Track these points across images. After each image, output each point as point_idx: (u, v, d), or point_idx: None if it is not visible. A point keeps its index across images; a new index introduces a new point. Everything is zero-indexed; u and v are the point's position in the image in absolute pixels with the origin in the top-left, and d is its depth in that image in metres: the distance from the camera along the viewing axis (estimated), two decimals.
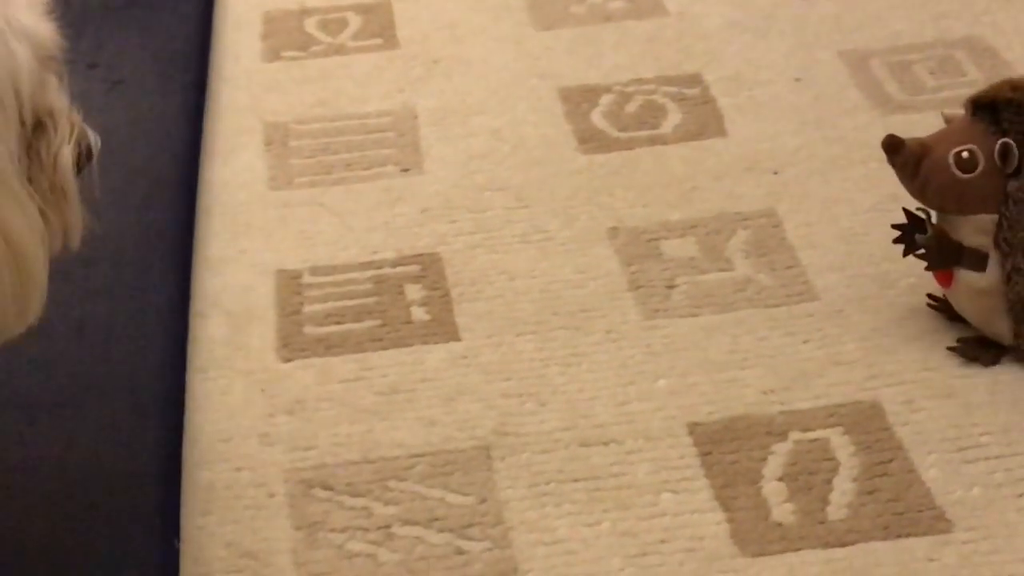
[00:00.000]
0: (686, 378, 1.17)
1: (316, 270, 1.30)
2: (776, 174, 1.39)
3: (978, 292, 1.15)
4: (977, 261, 1.15)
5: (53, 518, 1.07)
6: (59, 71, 0.99)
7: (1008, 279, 1.13)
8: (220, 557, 1.03)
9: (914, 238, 1.18)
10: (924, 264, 1.18)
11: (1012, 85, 1.15)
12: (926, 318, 1.21)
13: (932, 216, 1.18)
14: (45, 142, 0.97)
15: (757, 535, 1.03)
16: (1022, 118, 1.13)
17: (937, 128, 1.18)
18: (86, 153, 0.99)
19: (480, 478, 1.09)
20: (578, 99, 1.52)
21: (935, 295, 1.21)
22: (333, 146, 1.47)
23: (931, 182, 1.15)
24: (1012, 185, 1.13)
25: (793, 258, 1.29)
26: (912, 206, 1.19)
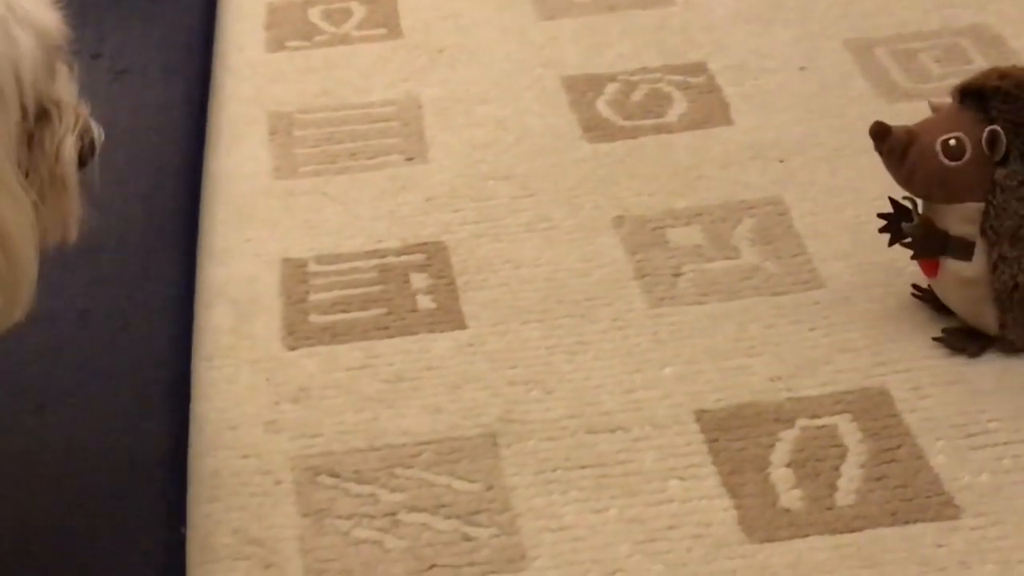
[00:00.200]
0: (692, 366, 1.17)
1: (321, 259, 1.31)
2: (782, 162, 1.39)
3: (964, 282, 1.15)
4: (963, 250, 1.14)
5: (60, 506, 1.07)
6: (68, 61, 0.99)
7: (994, 268, 1.13)
8: (226, 544, 1.03)
9: (900, 227, 1.18)
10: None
11: (1000, 73, 1.14)
12: (933, 306, 1.21)
13: (919, 205, 1.18)
14: (49, 132, 0.96)
15: (765, 521, 1.03)
16: (1010, 106, 1.12)
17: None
18: (89, 146, 0.98)
19: (487, 465, 1.09)
20: (583, 88, 1.52)
21: (920, 285, 1.21)
22: (337, 135, 1.47)
23: (918, 170, 1.15)
24: (999, 173, 1.13)
25: (799, 246, 1.29)
26: (899, 195, 1.19)
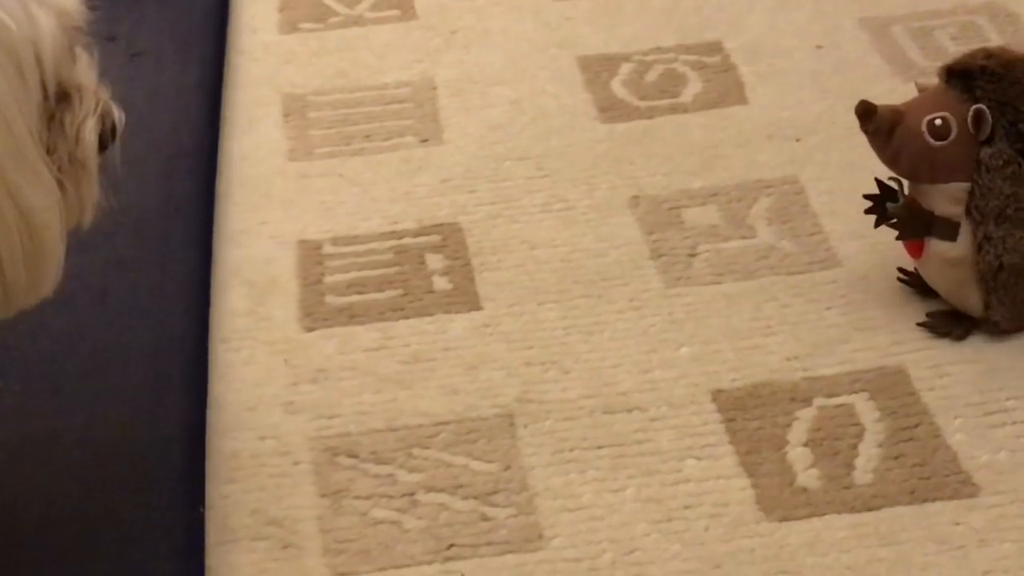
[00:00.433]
0: (709, 345, 1.18)
1: (337, 240, 1.31)
2: (798, 141, 1.40)
3: (949, 262, 1.15)
4: (948, 230, 1.14)
5: (78, 487, 1.08)
6: (87, 45, 0.99)
7: (979, 248, 1.13)
8: (245, 525, 1.04)
9: (885, 208, 1.18)
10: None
11: (986, 53, 1.14)
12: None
13: (904, 186, 1.18)
14: (70, 115, 0.96)
15: (782, 500, 1.04)
16: (996, 85, 1.12)
17: None
18: (111, 129, 0.99)
19: (504, 445, 1.10)
20: (598, 68, 1.52)
21: (906, 269, 1.21)
22: (352, 117, 1.47)
23: (904, 149, 1.15)
24: (985, 152, 1.12)
25: (816, 225, 1.29)
26: (884, 175, 1.19)
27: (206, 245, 1.30)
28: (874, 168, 1.34)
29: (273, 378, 1.17)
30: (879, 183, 1.18)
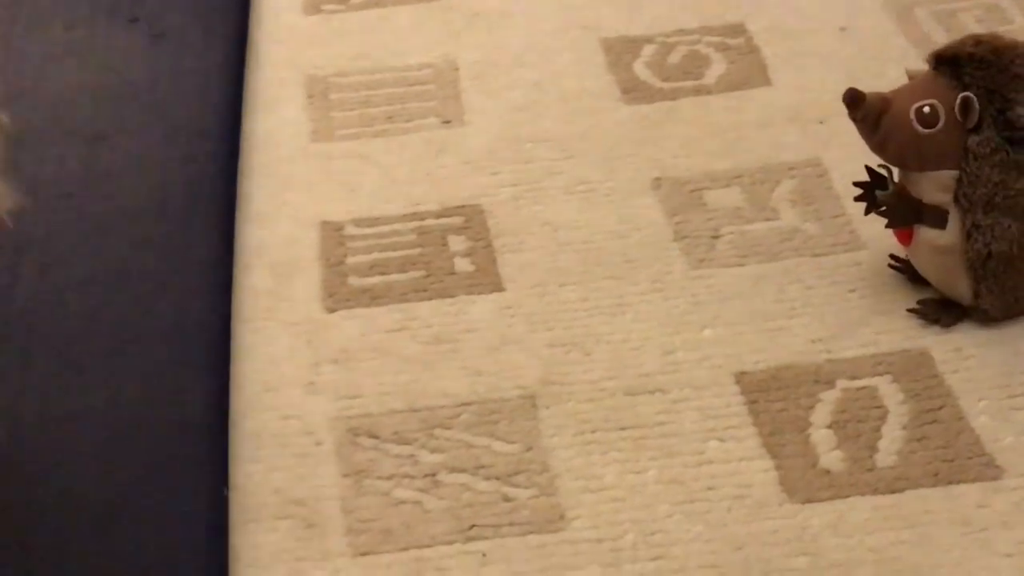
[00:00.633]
0: (732, 327, 1.17)
1: (359, 222, 1.31)
2: (822, 123, 1.39)
3: (938, 250, 1.15)
4: (937, 218, 1.14)
5: (102, 467, 1.08)
6: None
7: (968, 236, 1.13)
8: (268, 504, 1.04)
9: (875, 196, 1.17)
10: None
11: (975, 40, 1.14)
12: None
13: (894, 174, 1.17)
14: None
15: (805, 482, 1.04)
16: (984, 73, 1.11)
17: None
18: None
19: (526, 426, 1.10)
20: (620, 50, 1.52)
21: (897, 256, 1.21)
22: (374, 99, 1.47)
23: (892, 137, 1.14)
24: (973, 140, 1.12)
25: (839, 207, 1.29)
26: (874, 163, 1.18)
27: (228, 226, 1.31)
28: None
29: (295, 358, 1.17)
30: (869, 170, 1.18)
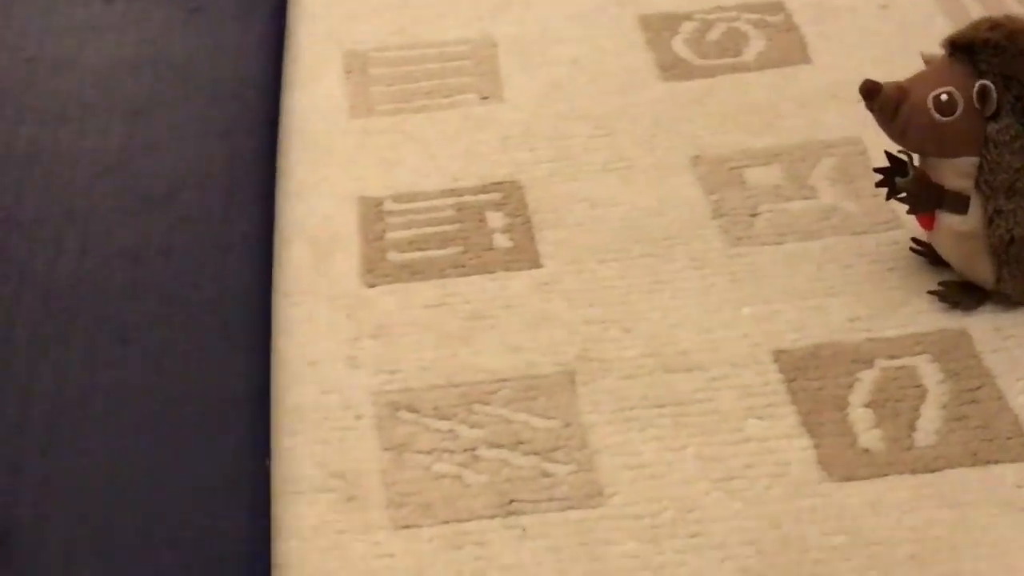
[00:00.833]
0: (770, 305, 1.18)
1: (398, 197, 1.32)
2: (861, 102, 1.38)
3: (960, 235, 1.14)
4: (959, 204, 1.14)
5: (146, 439, 1.10)
6: None
7: (990, 222, 1.12)
8: (310, 476, 1.05)
9: (895, 181, 1.17)
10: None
11: (991, 24, 1.12)
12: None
13: (914, 159, 1.17)
14: None
15: (844, 461, 1.04)
16: (1000, 58, 1.11)
17: None
18: None
19: (564, 403, 1.10)
20: (659, 27, 1.51)
21: (919, 239, 1.21)
22: (413, 74, 1.48)
23: (910, 126, 1.14)
24: (991, 128, 1.11)
25: None
26: (894, 149, 1.18)
27: (268, 201, 1.31)
28: None
29: (335, 333, 1.17)
30: (889, 156, 1.18)
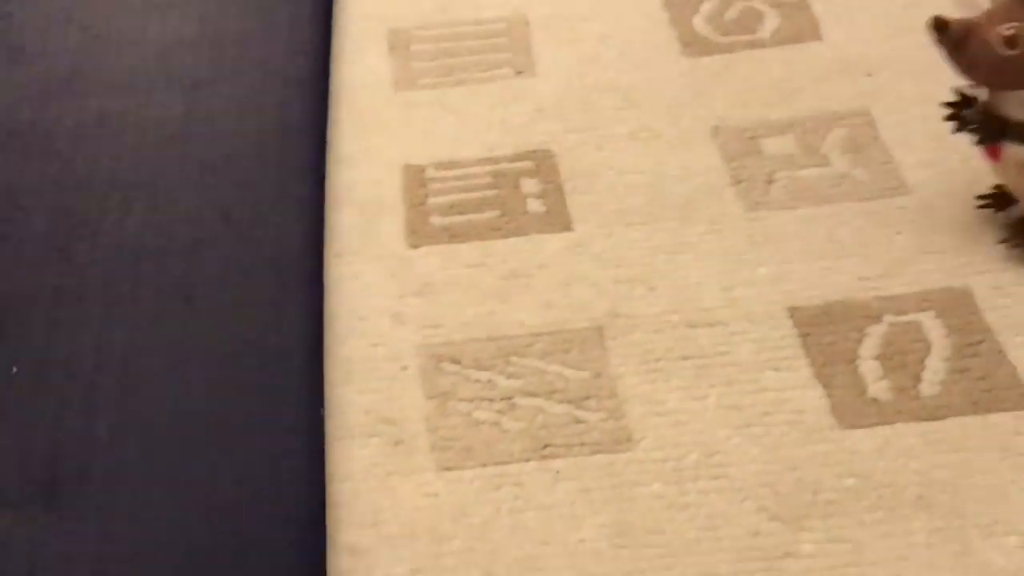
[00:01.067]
0: (786, 265, 1.18)
1: (439, 165, 1.32)
2: (869, 76, 1.38)
3: (1022, 165, 1.14)
4: (1022, 134, 1.13)
5: (209, 390, 1.10)
6: None
7: None
8: (361, 423, 1.06)
9: (963, 115, 1.17)
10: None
11: None
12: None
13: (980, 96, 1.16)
14: None
15: (854, 409, 1.04)
16: None
17: None
18: None
19: (595, 355, 1.10)
20: (681, 5, 1.51)
21: (983, 193, 1.20)
22: (452, 50, 1.47)
23: (978, 60, 1.13)
24: None
25: (886, 155, 1.28)
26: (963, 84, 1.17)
27: (319, 168, 1.32)
28: (942, 100, 1.33)
29: (382, 291, 1.18)
30: (957, 91, 1.17)
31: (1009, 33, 1.11)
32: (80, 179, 1.32)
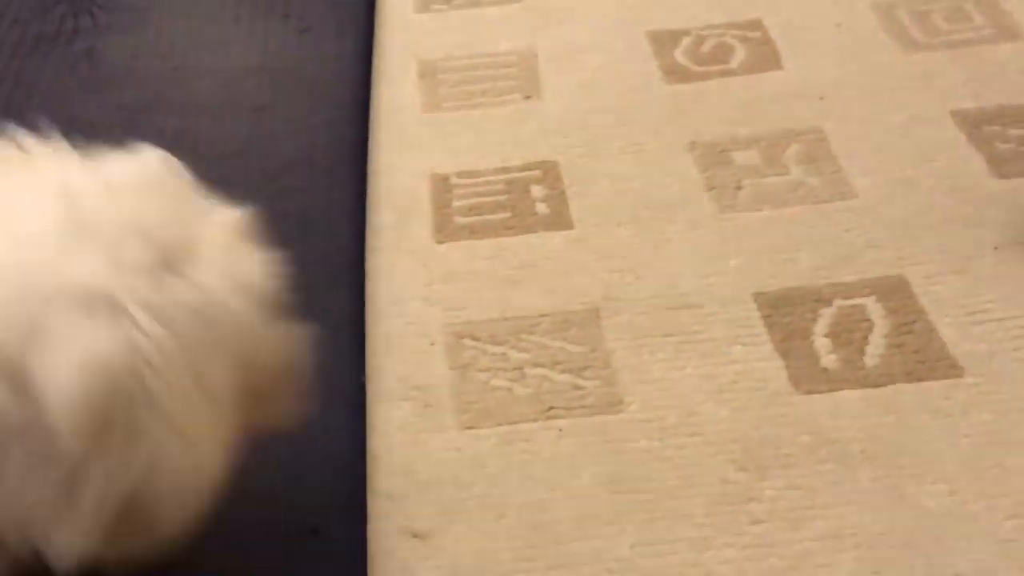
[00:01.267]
0: (751, 258, 1.17)
1: (461, 174, 1.32)
2: (822, 99, 1.38)
3: None
4: None
5: None
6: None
7: None
8: (395, 389, 1.06)
9: None
10: (951, 172, 1.15)
11: None
12: (943, 211, 1.20)
13: None
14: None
15: (809, 377, 1.04)
16: None
17: (949, 63, 1.15)
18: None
19: (592, 333, 1.11)
20: (664, 40, 1.51)
21: None
22: (472, 79, 1.47)
23: None
24: None
25: (836, 165, 1.28)
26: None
27: (362, 176, 1.32)
28: (883, 120, 1.34)
29: (414, 278, 1.18)
30: None
31: None
32: None
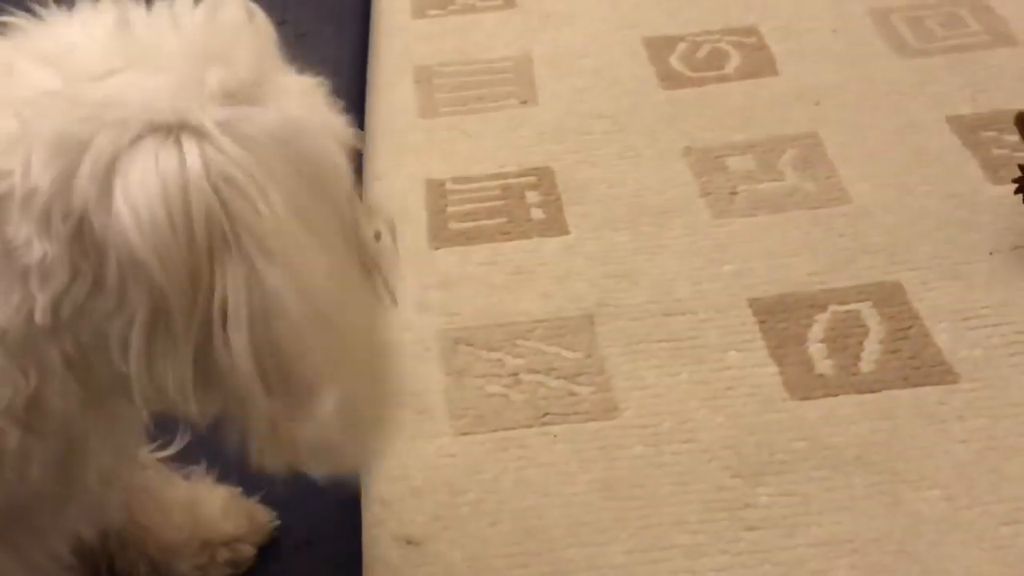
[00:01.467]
0: (747, 264, 1.17)
1: (457, 180, 1.31)
2: (818, 105, 1.37)
3: None
4: None
5: None
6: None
7: None
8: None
9: None
10: (946, 177, 1.15)
11: None
12: (938, 216, 1.20)
13: None
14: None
15: (803, 383, 1.04)
16: None
17: (945, 68, 1.15)
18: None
19: (586, 339, 1.10)
20: (659, 46, 1.50)
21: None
22: (468, 84, 1.47)
23: None
24: None
25: (832, 170, 1.27)
26: None
27: (358, 181, 1.31)
28: (878, 125, 1.33)
29: (408, 284, 1.17)
30: (1021, 167, 1.15)
31: None
32: None
